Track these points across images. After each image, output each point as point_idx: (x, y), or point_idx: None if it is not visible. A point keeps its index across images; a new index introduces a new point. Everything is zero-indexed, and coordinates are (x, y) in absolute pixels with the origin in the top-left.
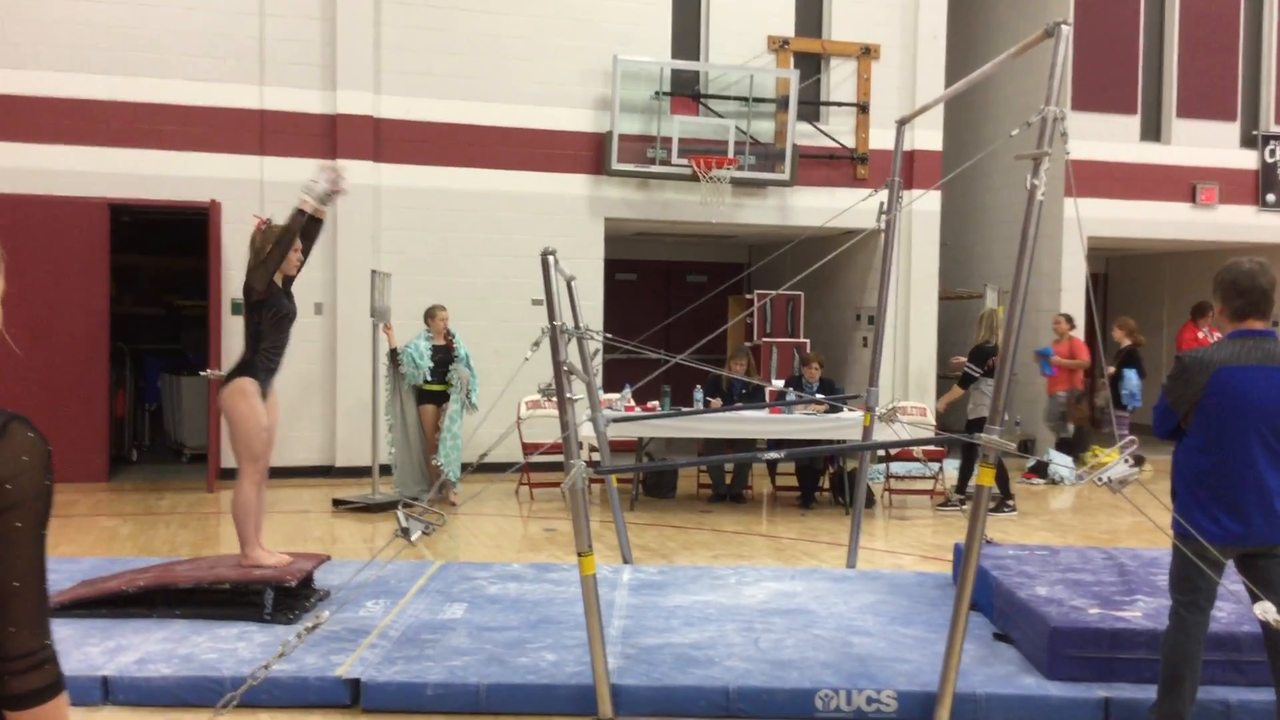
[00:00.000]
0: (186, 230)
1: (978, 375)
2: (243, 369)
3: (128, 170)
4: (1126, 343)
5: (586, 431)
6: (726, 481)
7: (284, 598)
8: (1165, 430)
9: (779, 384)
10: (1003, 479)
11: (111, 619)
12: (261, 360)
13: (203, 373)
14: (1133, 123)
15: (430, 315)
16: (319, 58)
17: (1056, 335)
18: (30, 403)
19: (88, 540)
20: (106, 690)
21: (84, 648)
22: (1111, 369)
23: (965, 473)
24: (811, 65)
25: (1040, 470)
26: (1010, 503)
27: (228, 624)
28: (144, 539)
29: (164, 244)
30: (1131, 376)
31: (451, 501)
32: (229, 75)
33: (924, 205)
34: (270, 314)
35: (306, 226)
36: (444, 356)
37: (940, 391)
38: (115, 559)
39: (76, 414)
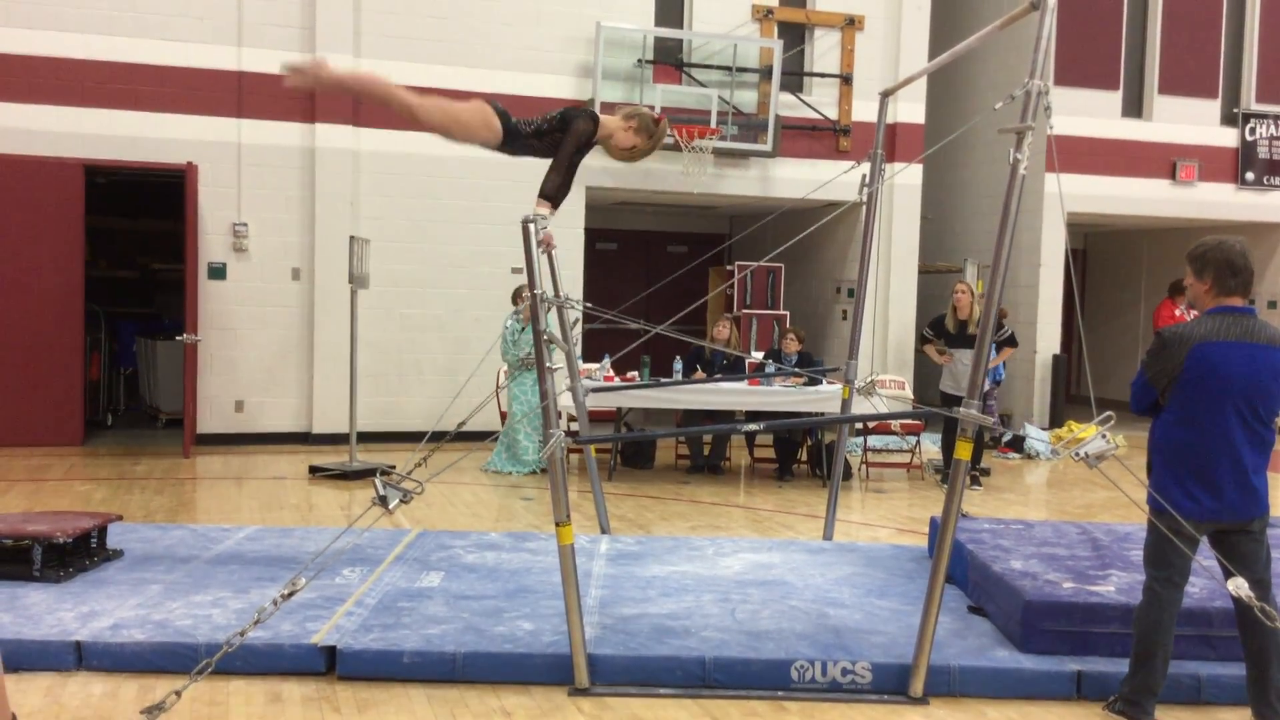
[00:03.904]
0: (163, 193)
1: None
2: None
3: (103, 131)
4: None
5: (565, 401)
6: (705, 453)
7: (54, 554)
8: (1143, 405)
9: (758, 356)
10: (977, 451)
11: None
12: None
13: (179, 337)
14: (1114, 99)
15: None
16: (298, 19)
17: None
18: (4, 365)
19: (62, 504)
20: (80, 656)
21: (57, 613)
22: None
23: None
24: (795, 35)
25: (1016, 444)
26: (973, 472)
27: (202, 590)
28: (118, 503)
29: (140, 206)
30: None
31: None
32: (206, 36)
33: (905, 178)
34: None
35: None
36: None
37: (919, 363)
38: None
39: (51, 377)
